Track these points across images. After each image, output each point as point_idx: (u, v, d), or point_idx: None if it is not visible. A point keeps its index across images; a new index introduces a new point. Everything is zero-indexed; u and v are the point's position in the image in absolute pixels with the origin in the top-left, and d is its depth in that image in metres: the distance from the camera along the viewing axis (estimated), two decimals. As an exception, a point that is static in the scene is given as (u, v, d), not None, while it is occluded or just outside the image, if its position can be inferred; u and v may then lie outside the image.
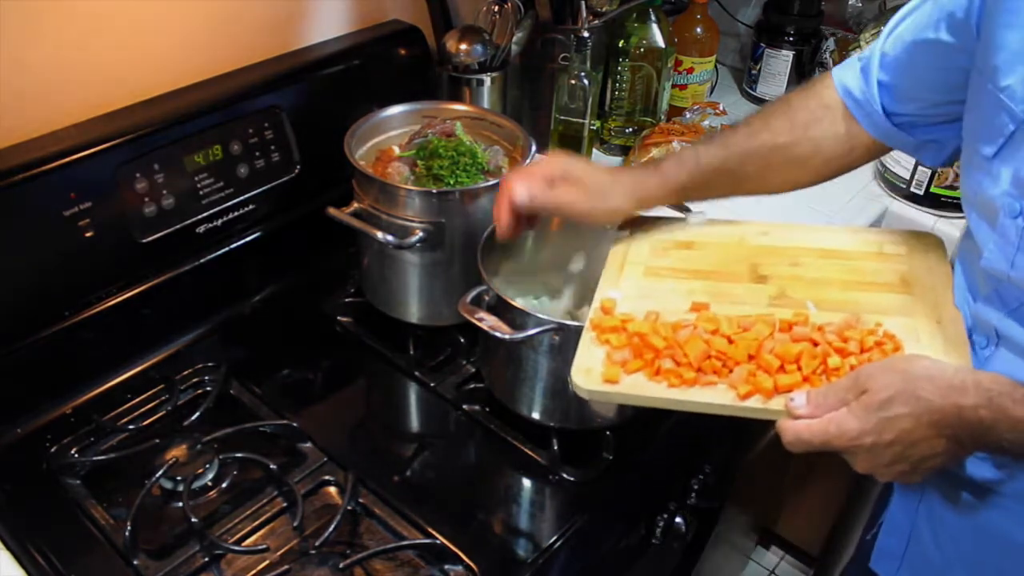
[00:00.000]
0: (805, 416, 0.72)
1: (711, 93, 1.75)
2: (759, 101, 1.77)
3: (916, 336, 0.80)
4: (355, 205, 1.07)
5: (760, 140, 0.91)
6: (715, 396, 0.77)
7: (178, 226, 1.10)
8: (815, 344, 0.78)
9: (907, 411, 0.68)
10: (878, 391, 0.69)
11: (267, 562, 0.88)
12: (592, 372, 0.80)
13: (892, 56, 0.86)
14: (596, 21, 1.35)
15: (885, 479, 0.73)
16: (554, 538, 0.91)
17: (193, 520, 0.89)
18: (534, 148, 1.12)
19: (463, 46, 1.34)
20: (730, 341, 0.80)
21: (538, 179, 0.92)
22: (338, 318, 1.20)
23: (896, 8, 0.90)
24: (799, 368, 0.76)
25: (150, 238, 1.07)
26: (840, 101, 0.90)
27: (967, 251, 0.85)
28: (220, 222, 1.15)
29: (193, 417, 1.03)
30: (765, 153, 0.91)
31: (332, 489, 0.97)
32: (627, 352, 0.81)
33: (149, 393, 1.07)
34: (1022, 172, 0.69)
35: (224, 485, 0.96)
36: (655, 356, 0.80)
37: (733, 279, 0.90)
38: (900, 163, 1.42)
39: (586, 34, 1.30)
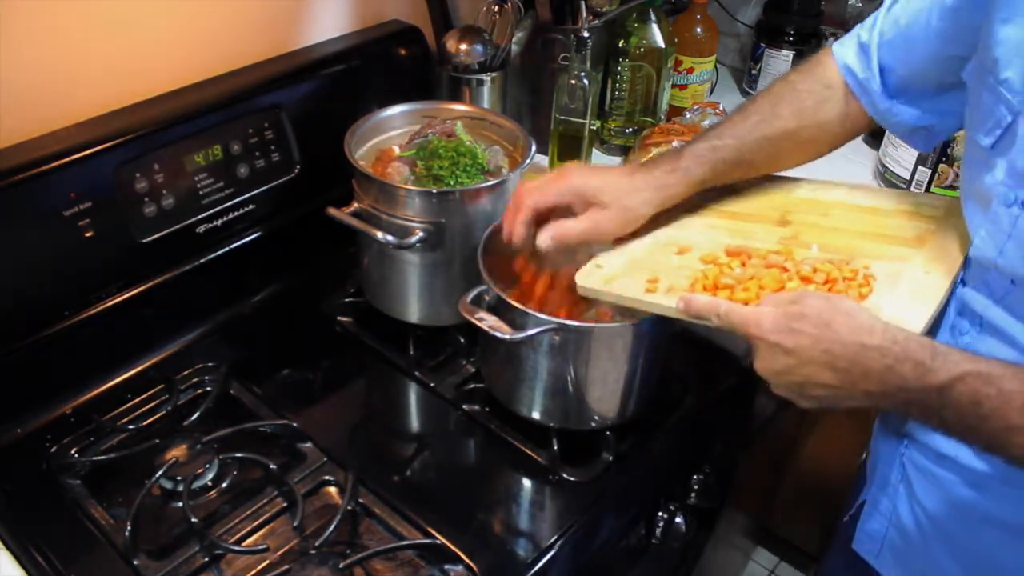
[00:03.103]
0: None
1: (711, 93, 1.75)
2: (759, 101, 1.77)
3: (895, 281, 0.81)
4: (355, 205, 1.07)
5: (771, 128, 0.92)
6: (671, 300, 0.83)
7: (178, 226, 1.10)
8: (785, 271, 0.83)
9: (812, 331, 0.72)
10: (802, 307, 0.74)
11: (267, 562, 0.88)
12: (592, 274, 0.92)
13: (888, 39, 0.87)
14: (596, 21, 1.35)
15: (778, 390, 0.77)
16: (554, 538, 0.91)
17: (193, 520, 0.89)
18: (534, 148, 1.12)
19: (463, 46, 1.34)
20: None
21: (560, 208, 0.93)
22: (338, 318, 1.20)
23: (895, 7, 0.90)
24: (760, 288, 0.81)
25: (150, 238, 1.07)
26: (842, 80, 0.91)
27: None
28: (220, 222, 1.15)
29: (193, 417, 1.03)
30: (776, 140, 0.93)
31: (332, 489, 0.97)
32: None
33: (149, 393, 1.07)
34: (1018, 163, 0.70)
35: (224, 485, 0.97)
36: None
37: (758, 221, 0.95)
38: (900, 163, 1.42)
39: (586, 34, 1.30)
